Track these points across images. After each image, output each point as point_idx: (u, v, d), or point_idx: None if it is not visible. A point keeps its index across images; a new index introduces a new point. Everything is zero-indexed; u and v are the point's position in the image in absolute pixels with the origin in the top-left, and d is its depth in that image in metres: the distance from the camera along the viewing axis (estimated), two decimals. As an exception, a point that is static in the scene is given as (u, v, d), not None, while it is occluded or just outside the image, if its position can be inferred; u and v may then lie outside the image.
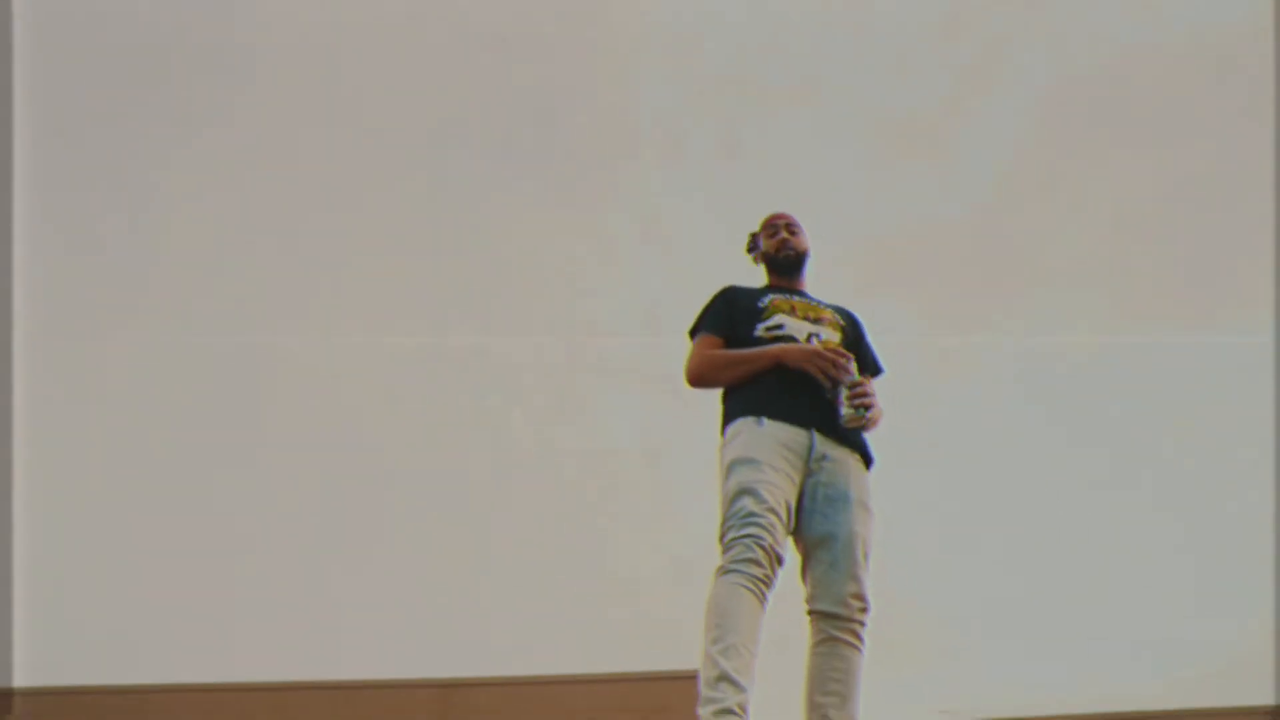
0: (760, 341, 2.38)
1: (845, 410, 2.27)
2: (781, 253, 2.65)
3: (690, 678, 7.25)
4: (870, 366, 2.60)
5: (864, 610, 2.17)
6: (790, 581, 2.31)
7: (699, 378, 2.45)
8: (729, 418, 2.33)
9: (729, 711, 1.85)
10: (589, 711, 8.87)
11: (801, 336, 2.38)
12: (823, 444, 2.25)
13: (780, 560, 2.09)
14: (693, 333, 2.52)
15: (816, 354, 2.28)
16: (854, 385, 2.28)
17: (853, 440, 2.32)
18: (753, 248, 2.77)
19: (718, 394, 2.46)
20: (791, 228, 2.68)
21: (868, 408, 2.27)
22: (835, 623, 2.15)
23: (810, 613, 2.20)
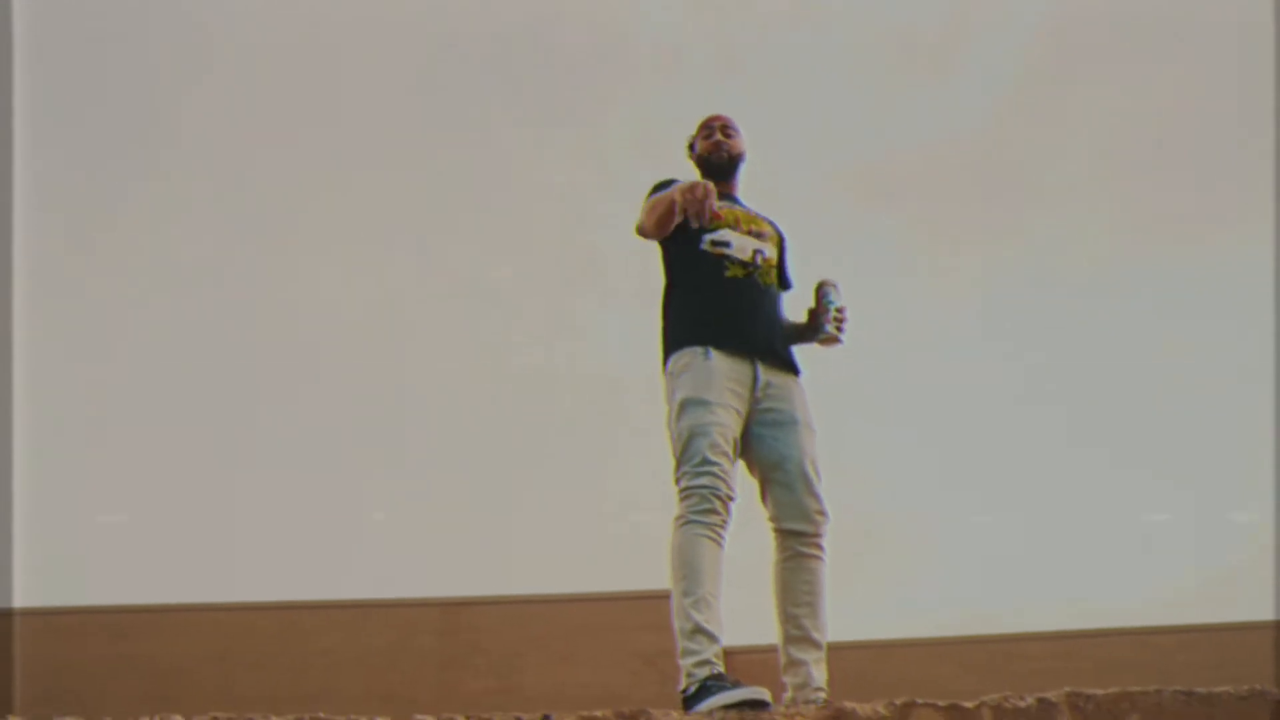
0: (706, 255, 2.44)
1: (829, 328, 2.48)
2: (715, 155, 2.61)
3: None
4: (784, 282, 2.66)
5: (825, 522, 2.32)
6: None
7: (641, 230, 2.56)
8: (675, 343, 2.41)
9: (707, 662, 2.04)
10: (588, 628, 9.03)
11: (747, 254, 2.45)
12: (766, 373, 2.37)
13: (733, 498, 2.25)
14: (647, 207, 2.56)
15: (689, 190, 2.28)
16: (840, 310, 2.49)
17: (788, 362, 2.45)
18: (692, 149, 2.71)
19: (658, 310, 2.55)
20: (727, 129, 2.65)
21: (841, 327, 2.48)
22: (801, 539, 2.30)
23: (777, 530, 2.33)
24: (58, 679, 8.32)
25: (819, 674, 2.17)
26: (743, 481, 2.38)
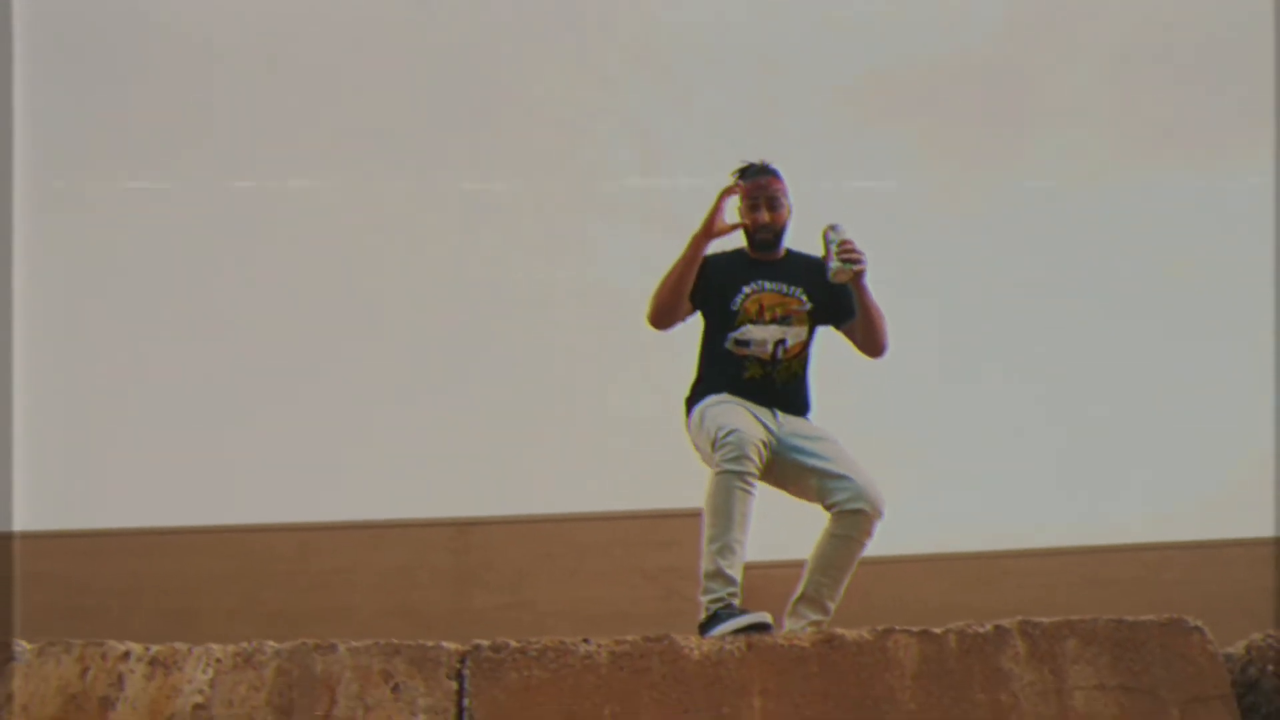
0: (729, 354, 2.67)
1: (834, 264, 2.59)
2: (760, 234, 2.75)
3: (694, 515, 8.08)
4: (845, 311, 2.77)
5: (882, 511, 2.55)
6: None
7: (653, 313, 2.76)
8: (697, 399, 2.68)
9: (720, 600, 2.40)
10: (594, 546, 9.37)
11: (767, 351, 2.66)
12: (782, 416, 2.66)
13: (767, 445, 2.50)
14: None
15: (709, 225, 2.61)
16: (842, 243, 2.60)
17: (801, 412, 2.73)
18: (736, 188, 2.75)
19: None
20: (772, 203, 2.74)
21: (855, 261, 2.59)
22: (861, 521, 2.52)
23: (841, 513, 2.53)
24: (84, 597, 8.75)
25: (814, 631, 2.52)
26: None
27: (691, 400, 2.73)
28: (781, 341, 2.67)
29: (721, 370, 2.69)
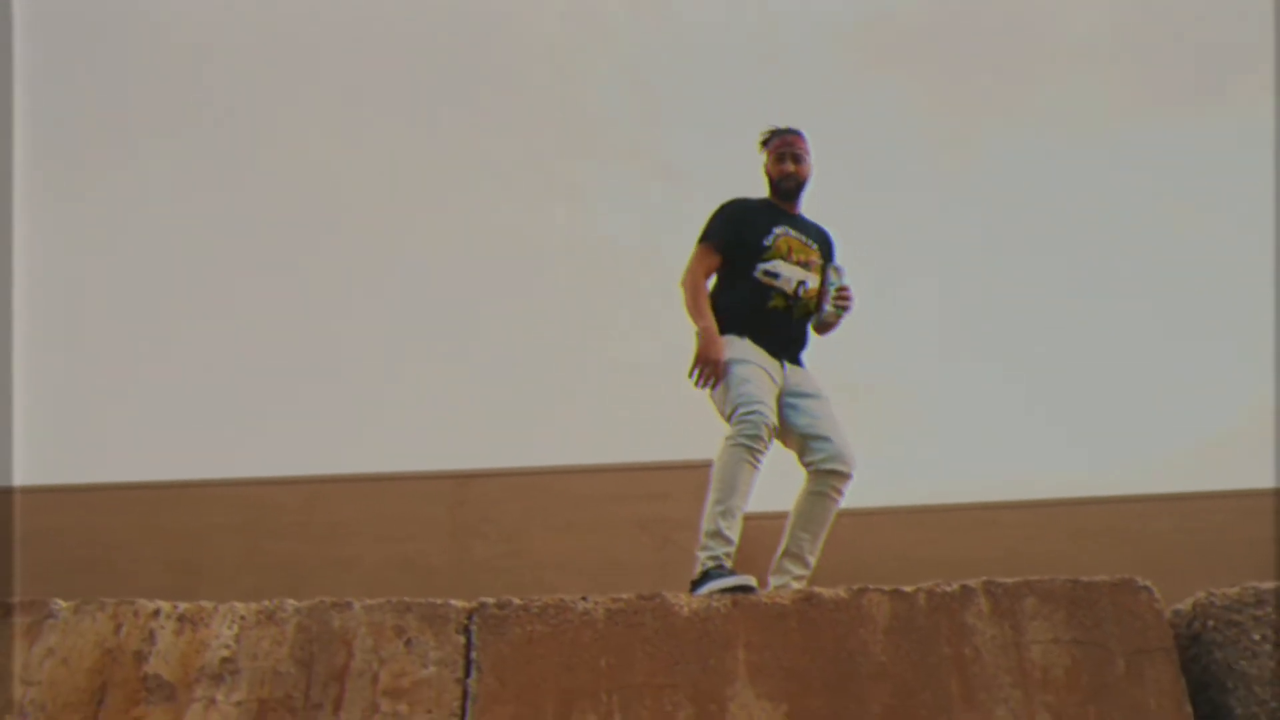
0: (758, 283, 2.97)
1: (828, 308, 3.01)
2: (784, 182, 3.11)
3: (687, 467, 8.40)
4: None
5: (854, 470, 2.87)
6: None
7: (688, 288, 3.04)
8: (721, 330, 2.94)
9: (715, 558, 2.64)
10: (588, 498, 9.58)
11: (791, 287, 2.97)
12: (788, 366, 2.97)
13: (776, 429, 2.81)
14: (701, 240, 3.08)
15: (704, 364, 2.87)
16: (840, 289, 3.02)
17: (802, 361, 3.04)
18: (765, 144, 3.16)
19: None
20: (797, 157, 3.10)
21: (844, 307, 3.01)
22: (835, 479, 2.83)
23: (815, 471, 2.84)
24: (91, 550, 8.97)
25: (798, 586, 2.74)
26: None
27: (719, 317, 2.98)
28: (803, 283, 3.00)
29: (747, 298, 2.98)
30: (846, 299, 3.01)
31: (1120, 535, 9.43)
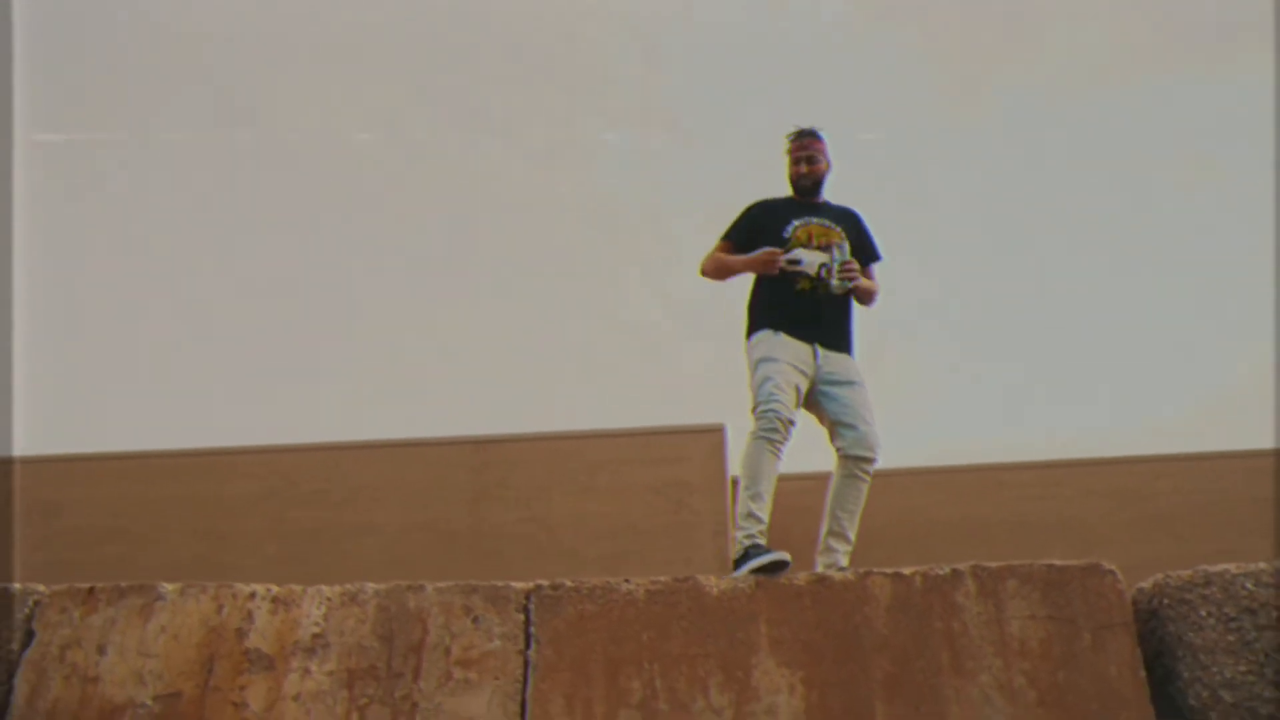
0: (783, 272, 3.40)
1: (835, 282, 3.40)
2: (801, 181, 3.59)
3: (701, 431, 8.91)
4: (870, 254, 3.64)
5: (879, 454, 3.34)
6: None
7: (703, 272, 3.54)
8: (753, 327, 3.43)
9: (751, 537, 3.07)
10: (606, 463, 9.98)
11: (814, 270, 3.39)
12: (823, 351, 3.37)
13: (793, 422, 3.24)
14: (722, 236, 3.58)
15: (767, 260, 3.36)
16: (844, 264, 3.41)
17: (841, 345, 3.44)
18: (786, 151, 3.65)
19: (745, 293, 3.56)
20: (811, 159, 3.58)
21: (851, 279, 3.40)
22: (861, 463, 3.31)
23: (844, 456, 3.32)
24: (118, 518, 9.46)
25: (844, 561, 3.19)
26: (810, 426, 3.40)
27: (751, 315, 3.49)
28: (825, 264, 3.41)
29: (775, 287, 3.43)
30: (851, 273, 3.41)
31: (1127, 496, 9.84)
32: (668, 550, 9.71)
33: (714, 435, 9.96)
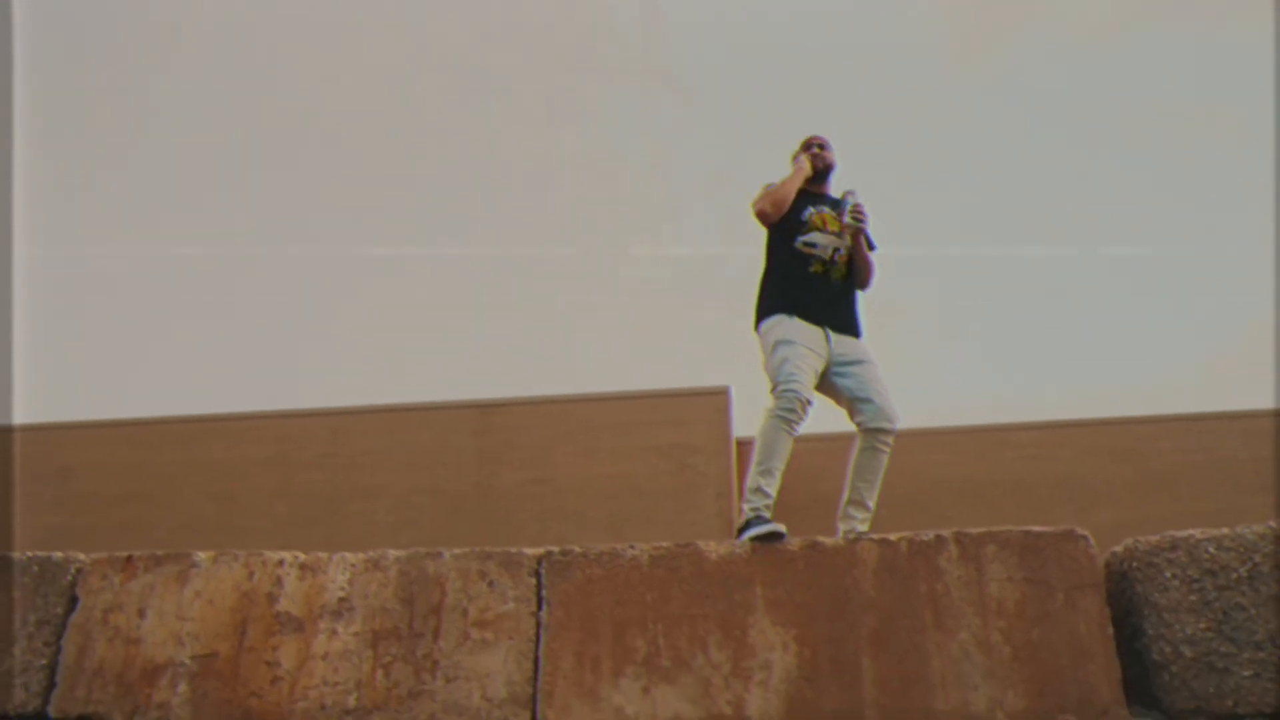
0: (798, 253, 3.70)
1: (846, 219, 3.72)
2: (813, 164, 3.89)
3: (704, 394, 9.22)
4: (867, 244, 3.83)
5: (896, 426, 3.59)
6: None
7: (766, 204, 3.77)
8: (766, 311, 3.67)
9: (756, 509, 3.30)
10: (610, 425, 10.22)
11: (827, 254, 3.69)
12: (834, 335, 3.62)
13: (810, 403, 3.46)
14: (757, 200, 3.82)
15: (804, 167, 3.77)
16: (855, 206, 3.74)
17: (850, 329, 3.69)
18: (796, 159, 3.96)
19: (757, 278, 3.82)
20: (823, 149, 3.93)
21: (860, 220, 3.71)
22: (880, 435, 3.56)
23: (863, 430, 3.57)
24: (131, 482, 9.74)
25: (863, 528, 3.43)
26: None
27: (762, 301, 3.74)
28: (837, 249, 3.74)
29: (790, 267, 3.72)
30: (860, 214, 3.71)
31: (1127, 455, 10.07)
32: (672, 512, 9.98)
33: (718, 398, 10.20)
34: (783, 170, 3.94)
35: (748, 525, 3.22)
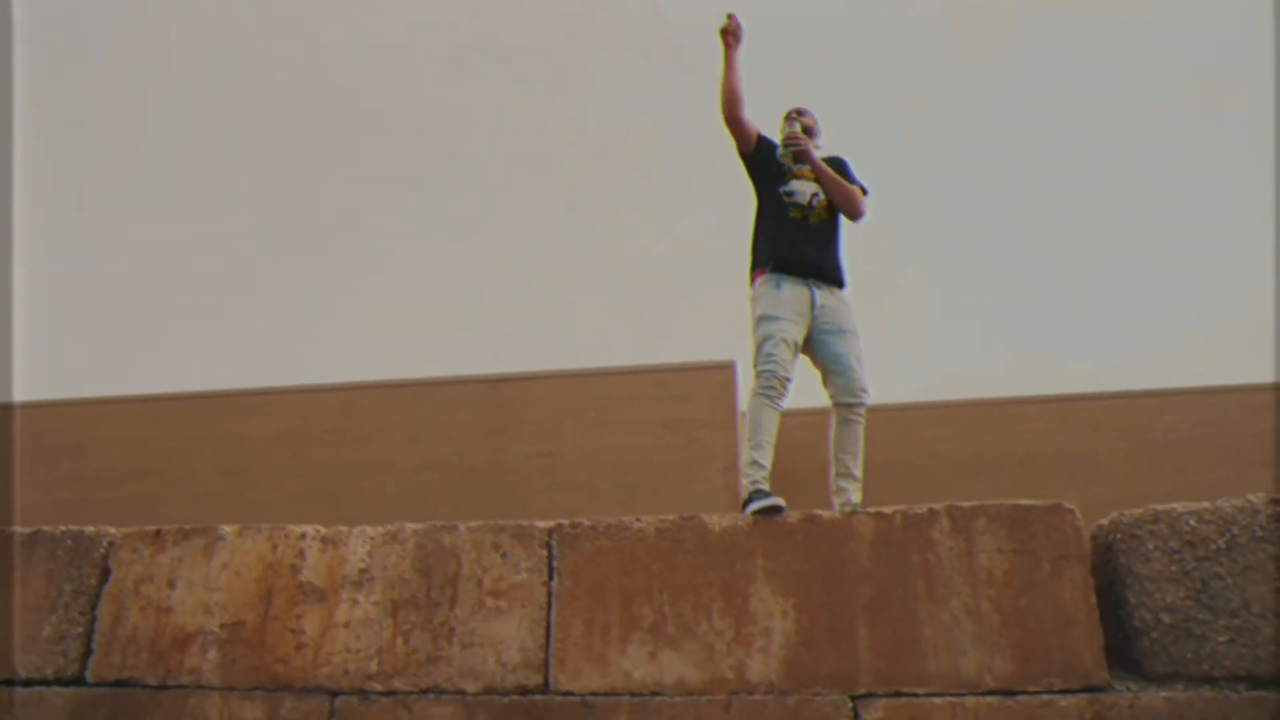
0: (780, 200, 3.89)
1: (780, 149, 3.97)
2: (792, 125, 4.08)
3: (709, 368, 9.43)
4: (857, 187, 4.03)
5: (866, 398, 3.76)
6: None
7: (724, 105, 3.96)
8: (756, 265, 3.87)
9: (755, 483, 3.47)
10: (618, 399, 10.41)
11: (805, 199, 3.87)
12: (821, 295, 3.78)
13: (789, 379, 3.65)
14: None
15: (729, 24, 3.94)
16: (789, 135, 3.99)
17: (836, 279, 3.86)
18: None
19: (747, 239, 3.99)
20: (802, 114, 4.11)
21: (794, 145, 3.94)
22: (851, 409, 3.73)
23: (835, 404, 3.76)
24: (147, 457, 9.96)
25: (856, 496, 3.59)
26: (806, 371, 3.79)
27: (754, 253, 3.96)
28: (816, 194, 3.93)
29: (773, 213, 3.94)
30: (795, 139, 3.96)
31: (1133, 430, 10.23)
32: (678, 484, 10.19)
33: (724, 372, 10.38)
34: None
35: (751, 498, 3.39)
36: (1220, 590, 2.85)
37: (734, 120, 3.95)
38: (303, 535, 3.36)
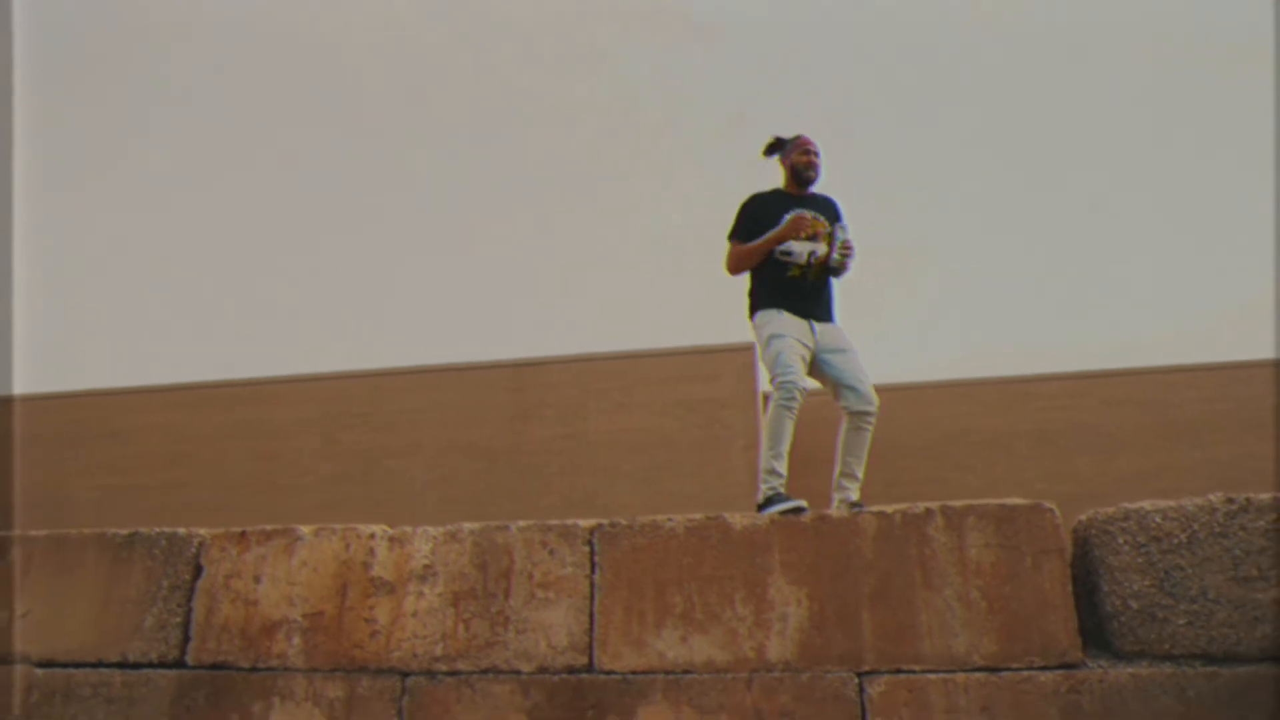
0: (777, 261, 4.29)
1: (836, 257, 4.31)
2: (807, 172, 4.43)
3: (731, 350, 10.12)
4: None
5: (876, 407, 4.25)
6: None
7: (734, 270, 4.41)
8: (757, 306, 4.33)
9: (774, 488, 4.01)
10: (640, 381, 10.94)
11: (803, 259, 4.27)
12: (818, 326, 4.29)
13: (805, 389, 4.17)
14: (729, 237, 4.42)
15: (793, 225, 4.24)
16: (843, 243, 4.32)
17: (828, 316, 4.34)
18: (773, 150, 4.51)
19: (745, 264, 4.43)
20: (816, 155, 4.45)
21: (848, 255, 4.31)
22: (863, 417, 4.24)
23: (848, 413, 4.27)
24: (184, 443, 10.59)
25: (854, 495, 4.11)
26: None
27: (753, 298, 4.39)
28: (813, 252, 4.31)
29: (771, 274, 4.35)
30: (848, 249, 4.33)
31: (1147, 405, 10.69)
32: (700, 464, 10.74)
33: (745, 354, 10.90)
34: (792, 128, 4.48)
35: (769, 502, 3.93)
36: (1181, 579, 3.39)
37: (737, 273, 4.37)
38: (372, 535, 3.93)
